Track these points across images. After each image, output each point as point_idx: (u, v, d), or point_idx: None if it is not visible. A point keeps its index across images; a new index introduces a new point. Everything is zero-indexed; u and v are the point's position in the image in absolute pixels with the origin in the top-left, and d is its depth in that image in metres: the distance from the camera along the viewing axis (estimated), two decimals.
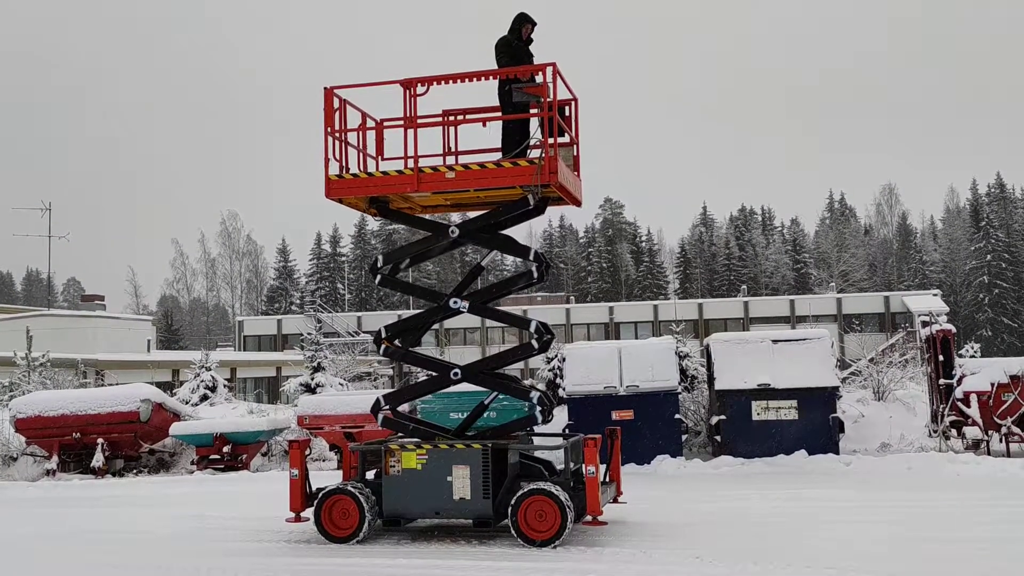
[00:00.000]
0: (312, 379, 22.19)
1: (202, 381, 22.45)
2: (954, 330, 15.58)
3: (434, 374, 10.28)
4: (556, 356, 18.47)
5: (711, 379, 15.71)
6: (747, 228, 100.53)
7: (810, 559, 7.97)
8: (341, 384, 22.96)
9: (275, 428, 17.66)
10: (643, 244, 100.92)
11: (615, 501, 10.28)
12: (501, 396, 10.26)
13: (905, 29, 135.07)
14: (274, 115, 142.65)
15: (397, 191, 9.87)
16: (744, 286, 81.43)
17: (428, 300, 10.41)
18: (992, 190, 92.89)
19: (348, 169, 9.98)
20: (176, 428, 17.40)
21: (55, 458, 17.23)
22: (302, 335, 27.74)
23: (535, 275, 9.68)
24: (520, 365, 34.85)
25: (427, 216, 10.69)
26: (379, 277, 10.14)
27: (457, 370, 9.86)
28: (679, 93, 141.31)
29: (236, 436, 17.05)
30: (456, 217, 13.79)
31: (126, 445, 17.65)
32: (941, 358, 15.30)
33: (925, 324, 15.84)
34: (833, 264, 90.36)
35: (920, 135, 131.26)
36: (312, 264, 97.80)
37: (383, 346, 10.08)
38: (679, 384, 15.44)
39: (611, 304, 69.83)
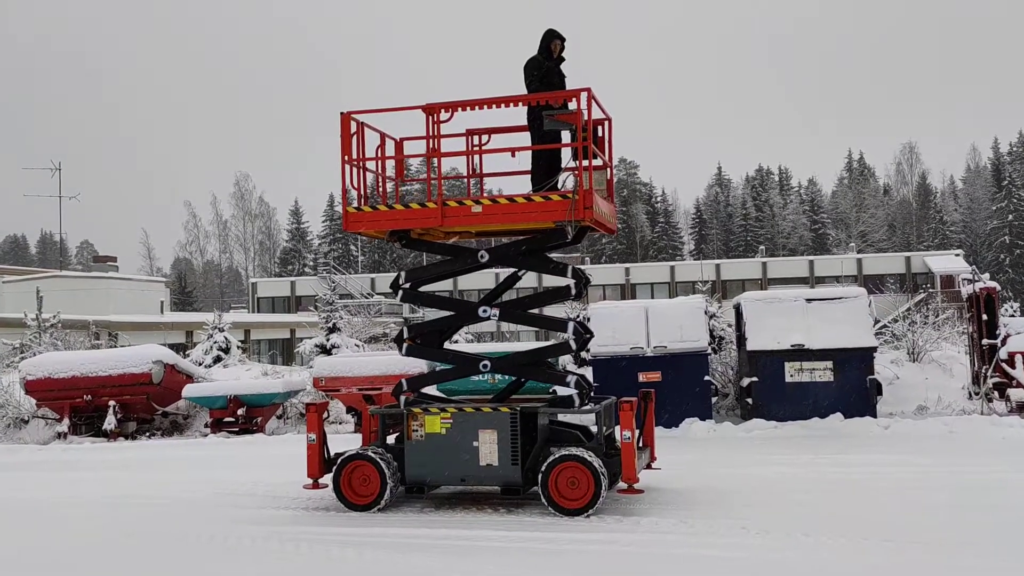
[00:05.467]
0: (327, 340, 21.72)
1: (215, 343, 22.02)
2: (998, 288, 14.88)
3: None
4: (579, 316, 17.91)
5: (741, 339, 15.14)
6: (764, 188, 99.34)
7: (864, 530, 7.43)
8: (357, 345, 22.49)
9: (290, 390, 17.23)
10: (658, 205, 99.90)
11: (649, 467, 9.78)
12: None
13: None
14: (284, 76, 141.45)
15: (420, 225, 9.29)
16: (762, 247, 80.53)
17: (455, 311, 9.86)
18: (1014, 148, 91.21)
19: (367, 199, 9.44)
20: (189, 390, 16.98)
21: (66, 421, 16.87)
22: (316, 296, 27.27)
23: (572, 291, 9.14)
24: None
25: (451, 242, 10.07)
26: (401, 293, 9.60)
27: (486, 362, 9.34)
28: (693, 49, 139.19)
29: (251, 398, 16.62)
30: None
31: (138, 407, 17.26)
32: (984, 317, 14.64)
33: (967, 282, 15.15)
34: (852, 225, 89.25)
35: (940, 92, 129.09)
36: (325, 226, 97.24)
37: (406, 345, 9.60)
38: (708, 345, 14.87)
39: (627, 265, 69.14)
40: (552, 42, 9.48)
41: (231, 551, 7.65)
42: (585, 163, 8.63)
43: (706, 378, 14.55)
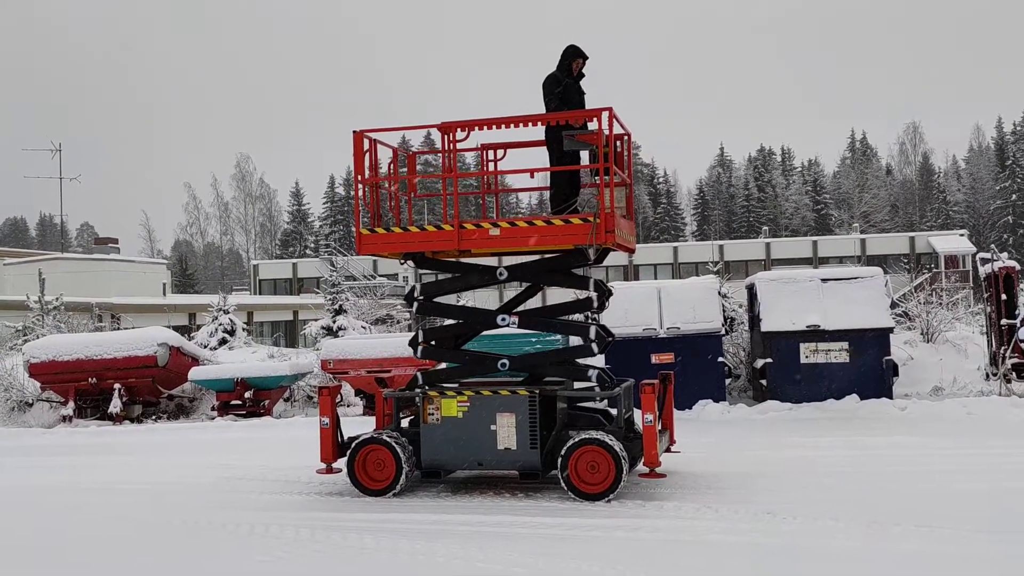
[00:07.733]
0: (334, 322, 21.51)
1: (220, 325, 21.80)
2: (1018, 267, 14.64)
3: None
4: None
5: (755, 320, 14.93)
6: (766, 169, 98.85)
7: (893, 515, 7.24)
8: (363, 327, 22.28)
9: (298, 373, 17.04)
10: (660, 186, 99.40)
11: (668, 450, 9.59)
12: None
13: None
14: (283, 56, 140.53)
15: (435, 248, 9.06)
16: (765, 227, 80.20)
17: (473, 319, 9.69)
18: (1018, 128, 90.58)
19: (380, 219, 9.20)
20: (195, 373, 16.77)
21: (71, 404, 16.68)
22: (318, 278, 27.03)
23: (595, 304, 8.94)
24: None
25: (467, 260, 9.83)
26: (416, 305, 9.38)
27: (505, 360, 9.12)
28: (693, 28, 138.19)
29: (258, 381, 16.43)
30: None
31: (144, 390, 17.07)
32: (1004, 297, 14.41)
33: (985, 261, 14.90)
34: (855, 205, 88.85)
35: (943, 72, 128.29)
36: (326, 207, 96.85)
37: (420, 348, 9.39)
38: (722, 326, 14.65)
39: None
40: (574, 61, 9.20)
41: (243, 539, 7.45)
42: (606, 183, 8.44)
43: (720, 359, 14.36)
